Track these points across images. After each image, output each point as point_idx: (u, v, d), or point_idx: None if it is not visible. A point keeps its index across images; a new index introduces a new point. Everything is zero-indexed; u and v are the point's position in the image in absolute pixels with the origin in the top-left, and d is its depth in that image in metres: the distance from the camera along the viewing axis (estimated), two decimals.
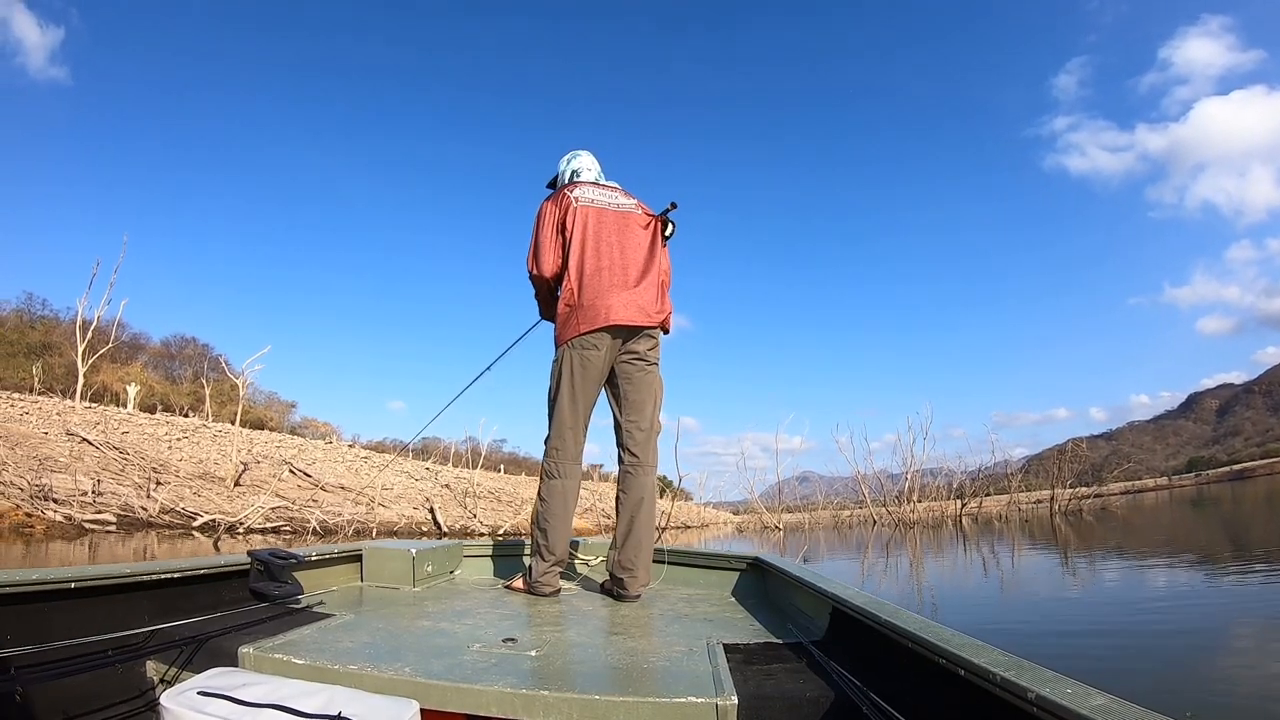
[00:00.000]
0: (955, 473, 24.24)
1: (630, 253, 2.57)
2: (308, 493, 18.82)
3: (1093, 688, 0.83)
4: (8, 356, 28.55)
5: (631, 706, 1.24)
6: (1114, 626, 4.35)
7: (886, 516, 21.74)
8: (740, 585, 2.63)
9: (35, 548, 10.24)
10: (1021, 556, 9.87)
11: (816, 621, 1.81)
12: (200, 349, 41.84)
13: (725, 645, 1.66)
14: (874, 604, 1.43)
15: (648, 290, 2.54)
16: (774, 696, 1.30)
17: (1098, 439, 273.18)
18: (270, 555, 2.08)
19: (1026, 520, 18.63)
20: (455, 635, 1.74)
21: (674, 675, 1.41)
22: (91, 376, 25.25)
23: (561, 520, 2.50)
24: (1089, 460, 25.29)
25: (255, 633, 1.66)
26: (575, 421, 2.52)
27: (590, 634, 1.89)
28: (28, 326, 33.37)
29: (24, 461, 14.52)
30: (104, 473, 15.56)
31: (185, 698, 1.11)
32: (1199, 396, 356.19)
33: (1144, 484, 43.38)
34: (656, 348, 2.61)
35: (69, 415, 19.65)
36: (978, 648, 1.03)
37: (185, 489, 16.36)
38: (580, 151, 2.90)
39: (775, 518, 23.05)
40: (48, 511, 12.25)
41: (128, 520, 13.23)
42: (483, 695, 1.28)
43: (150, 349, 41.69)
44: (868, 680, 1.25)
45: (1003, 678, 0.89)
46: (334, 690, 1.19)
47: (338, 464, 24.72)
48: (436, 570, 2.79)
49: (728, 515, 36.31)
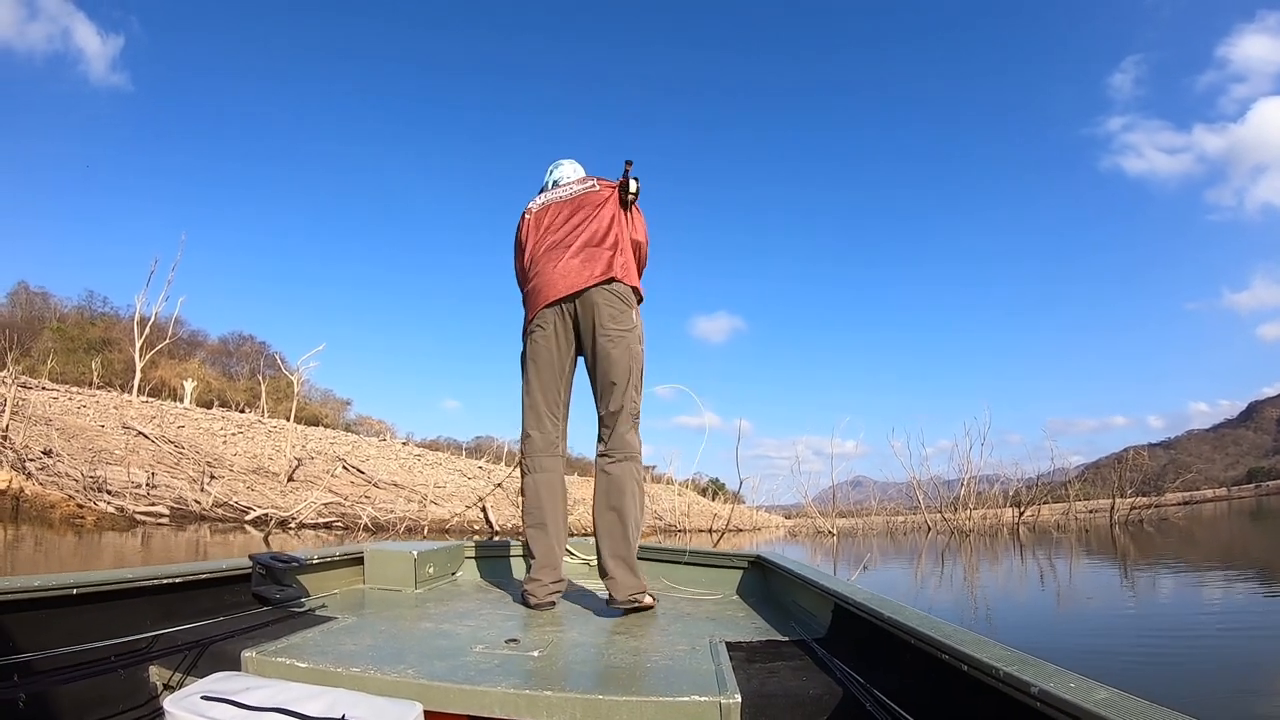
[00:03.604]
0: (1011, 480, 23.40)
1: (577, 229, 2.45)
2: (361, 489, 18.80)
3: (1096, 682, 0.82)
4: (68, 352, 29.07)
5: (635, 706, 1.24)
6: (1190, 649, 4.01)
7: (942, 523, 21.31)
8: (742, 583, 2.61)
9: (86, 538, 10.03)
10: (1084, 569, 9.36)
11: (819, 619, 1.82)
12: (257, 346, 42.01)
13: (728, 643, 1.66)
14: (876, 600, 1.43)
15: (591, 253, 2.38)
16: (777, 694, 1.29)
17: (1156, 447, 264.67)
18: (272, 559, 2.09)
19: (1085, 530, 17.98)
20: (458, 636, 1.74)
21: (677, 674, 1.41)
22: (149, 372, 25.65)
23: (539, 518, 2.36)
24: (1148, 469, 24.45)
25: (258, 636, 1.65)
26: (539, 412, 2.41)
27: (592, 634, 1.87)
28: (88, 323, 34.19)
29: (80, 454, 14.42)
30: (158, 466, 15.49)
31: (189, 702, 1.11)
32: (1259, 405, 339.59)
33: (1202, 494, 41.10)
34: (625, 314, 2.36)
35: (126, 409, 19.68)
36: (980, 643, 1.03)
37: (239, 483, 16.27)
38: (562, 161, 2.81)
39: (829, 522, 22.52)
40: (100, 503, 12.03)
41: (180, 513, 13.07)
42: (486, 696, 1.28)
43: (208, 346, 42.39)
44: (871, 677, 1.27)
45: (1006, 672, 0.89)
46: (337, 693, 1.18)
47: (391, 461, 24.56)
48: (438, 572, 2.76)
49: (779, 519, 35.79)
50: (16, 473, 11.89)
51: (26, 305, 34.11)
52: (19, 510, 11.14)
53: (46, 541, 9.30)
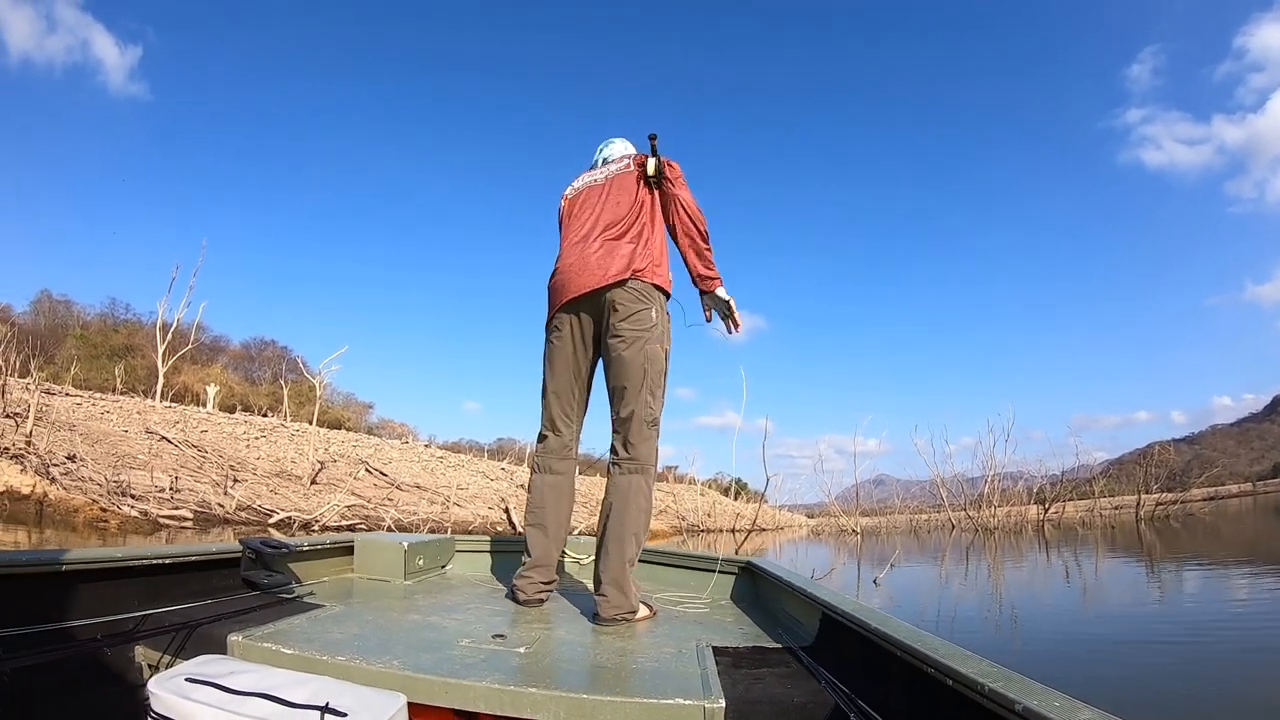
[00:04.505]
0: (1035, 477, 23.35)
1: (600, 219, 2.29)
2: (384, 491, 18.67)
3: (1081, 702, 0.82)
4: (91, 359, 29.35)
5: (619, 706, 1.23)
6: (1221, 651, 3.86)
7: (966, 521, 21.26)
8: (731, 589, 2.59)
9: (110, 541, 9.87)
10: (1111, 567, 9.24)
11: (806, 627, 1.81)
12: (279, 351, 42.25)
13: (715, 648, 1.65)
14: (864, 611, 1.43)
15: (610, 247, 2.22)
16: (762, 701, 1.28)
17: (1180, 443, 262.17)
18: (262, 544, 2.10)
19: (1111, 527, 17.91)
20: (445, 630, 1.73)
21: (662, 677, 1.41)
22: (172, 378, 25.71)
23: (540, 519, 2.29)
24: (1173, 464, 24.55)
25: (245, 621, 1.65)
26: (553, 415, 2.34)
27: (580, 633, 1.86)
28: (111, 330, 34.51)
29: (103, 458, 14.33)
30: (182, 470, 15.36)
31: (173, 684, 1.10)
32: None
33: (1227, 490, 40.39)
34: (641, 313, 2.18)
35: (149, 414, 19.66)
36: (966, 657, 1.02)
37: (262, 486, 16.10)
38: (613, 139, 2.68)
39: (852, 521, 22.33)
40: (124, 507, 11.88)
41: (204, 516, 12.91)
42: (471, 690, 1.27)
43: (230, 351, 42.55)
44: (856, 687, 1.27)
45: (990, 688, 0.88)
46: (322, 681, 1.17)
47: (414, 464, 24.42)
48: (428, 564, 2.76)
49: (802, 518, 35.67)
50: (40, 478, 11.82)
51: (49, 313, 34.62)
52: (43, 515, 11.07)
53: (70, 544, 9.07)
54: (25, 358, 18.65)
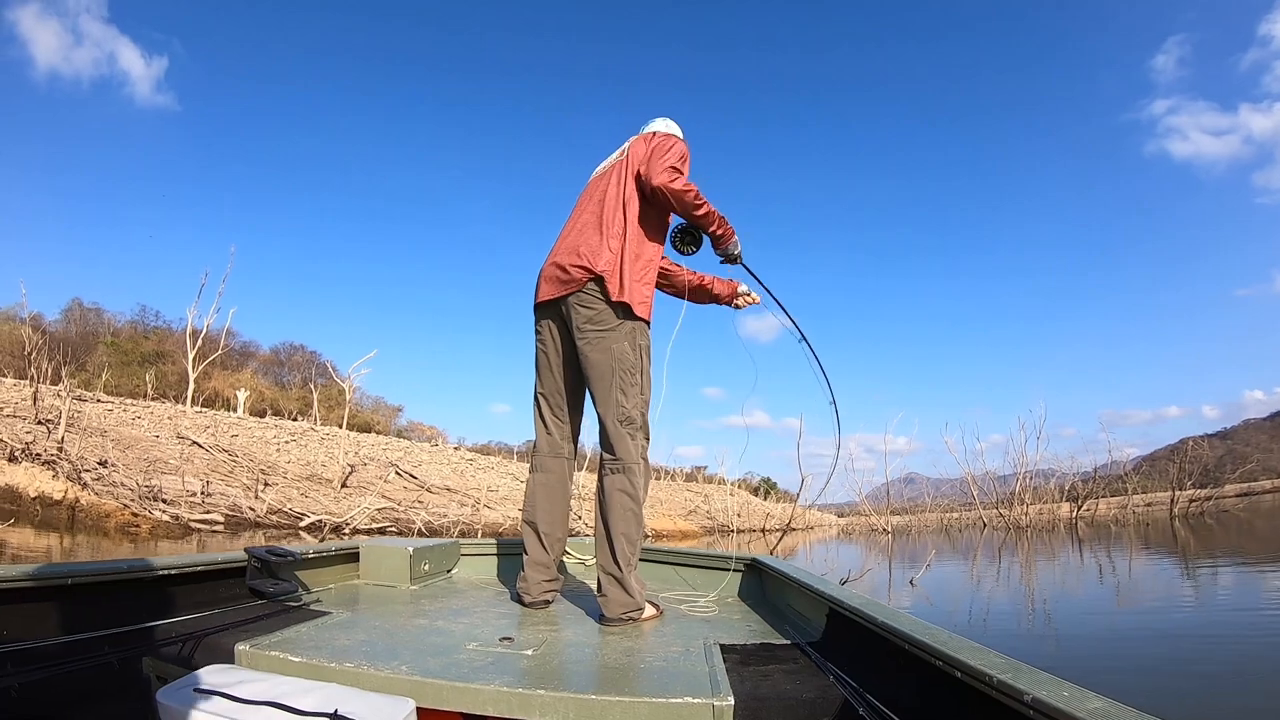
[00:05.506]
0: (1067, 474, 23.04)
1: (588, 211, 2.26)
2: (414, 494, 18.57)
3: (1091, 691, 0.81)
4: (122, 365, 29.77)
5: (628, 706, 1.22)
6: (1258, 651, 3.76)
7: (997, 519, 20.98)
8: (738, 586, 2.57)
9: (141, 546, 9.76)
10: (1146, 565, 8.94)
11: (814, 623, 1.81)
12: (309, 355, 42.48)
13: (722, 646, 1.65)
14: (871, 605, 1.42)
15: (588, 243, 2.15)
16: (770, 697, 1.28)
17: (1212, 438, 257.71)
18: (268, 552, 2.09)
19: (1145, 524, 17.66)
20: (452, 634, 1.72)
21: (671, 675, 1.40)
22: (203, 383, 25.88)
23: (531, 517, 2.27)
24: (1206, 460, 24.06)
25: (252, 630, 1.63)
26: (543, 415, 2.33)
27: (587, 633, 1.85)
28: (141, 337, 35.07)
29: (135, 464, 14.28)
30: (213, 474, 15.30)
31: (182, 694, 1.10)
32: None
33: (1261, 485, 38.96)
34: (602, 311, 2.11)
35: (180, 419, 19.68)
36: (974, 650, 1.02)
37: (293, 490, 16.02)
38: (656, 120, 2.52)
39: (883, 520, 21.95)
40: (155, 511, 11.75)
41: (235, 520, 12.76)
42: (479, 694, 1.27)
43: (260, 356, 42.79)
44: (864, 682, 1.27)
45: (999, 679, 0.88)
46: (330, 688, 1.17)
47: (443, 466, 24.33)
48: (434, 569, 2.76)
49: (832, 517, 35.42)
50: (72, 483, 11.76)
51: (80, 321, 35.23)
52: (75, 520, 10.99)
53: (102, 549, 9.03)
54: (57, 365, 18.76)
